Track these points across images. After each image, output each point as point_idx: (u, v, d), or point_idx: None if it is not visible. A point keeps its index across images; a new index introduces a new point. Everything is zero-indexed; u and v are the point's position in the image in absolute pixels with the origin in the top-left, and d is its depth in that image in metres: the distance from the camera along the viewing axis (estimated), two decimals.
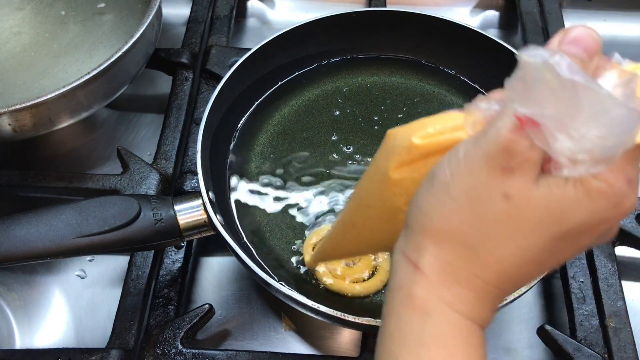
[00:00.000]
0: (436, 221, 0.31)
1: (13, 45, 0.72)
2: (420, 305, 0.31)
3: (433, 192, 0.31)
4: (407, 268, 0.32)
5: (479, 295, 0.31)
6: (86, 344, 0.58)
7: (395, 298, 0.33)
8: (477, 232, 0.30)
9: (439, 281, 0.31)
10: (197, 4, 0.82)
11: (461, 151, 0.30)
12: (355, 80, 0.72)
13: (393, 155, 0.35)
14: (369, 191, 0.39)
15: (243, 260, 0.51)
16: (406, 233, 0.33)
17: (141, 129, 0.75)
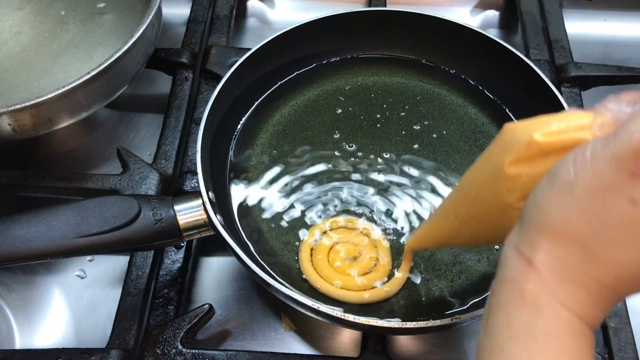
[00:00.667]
0: (555, 219, 0.30)
1: (13, 45, 0.72)
2: (532, 300, 0.31)
3: (554, 190, 0.30)
4: (520, 263, 0.32)
5: (593, 297, 0.31)
6: (86, 344, 0.58)
7: (504, 292, 0.32)
8: (597, 234, 0.29)
9: (553, 279, 0.31)
10: (197, 4, 0.81)
11: (588, 151, 0.29)
12: (356, 80, 0.72)
13: (511, 150, 0.35)
14: (479, 184, 0.39)
15: (243, 260, 0.51)
16: (520, 229, 0.32)
17: (141, 129, 0.75)
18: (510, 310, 0.32)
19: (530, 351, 0.30)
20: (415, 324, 0.50)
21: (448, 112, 0.69)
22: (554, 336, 0.30)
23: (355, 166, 0.64)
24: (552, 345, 0.30)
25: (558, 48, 0.78)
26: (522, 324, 0.31)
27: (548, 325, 0.30)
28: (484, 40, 0.69)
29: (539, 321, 0.31)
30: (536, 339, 0.30)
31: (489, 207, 0.37)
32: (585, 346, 0.31)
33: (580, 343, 0.31)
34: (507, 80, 0.68)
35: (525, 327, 0.31)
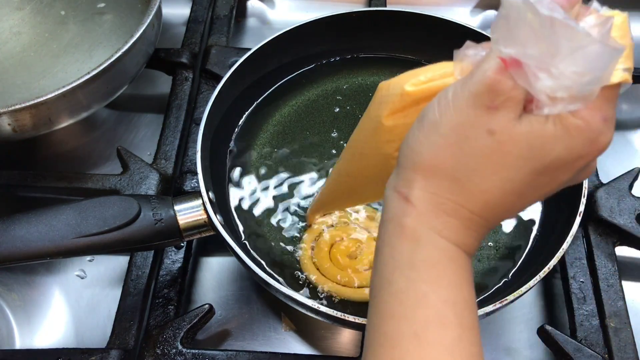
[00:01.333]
0: (425, 157, 0.33)
1: (13, 45, 0.72)
2: (411, 233, 0.34)
3: (423, 131, 0.34)
4: (398, 201, 0.34)
5: (465, 224, 0.34)
6: (86, 344, 0.58)
7: (387, 230, 0.35)
8: (463, 166, 0.32)
9: (428, 211, 0.34)
10: (197, 4, 0.81)
11: (450, 92, 0.33)
12: (355, 80, 0.72)
13: (386, 104, 0.38)
14: (363, 140, 0.42)
15: (243, 260, 0.51)
16: (397, 171, 0.35)
17: (141, 129, 0.75)
18: (393, 244, 0.34)
19: (412, 278, 0.33)
20: None
21: None
22: (433, 263, 0.33)
23: None
24: (432, 271, 0.33)
25: None
26: (404, 255, 0.34)
27: (427, 254, 0.33)
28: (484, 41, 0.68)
29: (419, 251, 0.33)
30: (417, 267, 0.33)
31: (375, 161, 0.39)
32: (462, 269, 0.34)
33: (457, 267, 0.34)
34: None
35: (407, 257, 0.34)
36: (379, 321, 0.34)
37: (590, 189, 0.63)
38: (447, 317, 0.33)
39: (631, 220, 0.61)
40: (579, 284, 0.59)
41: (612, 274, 0.59)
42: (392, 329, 0.33)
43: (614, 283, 0.58)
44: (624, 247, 0.62)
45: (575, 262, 0.60)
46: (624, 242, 0.62)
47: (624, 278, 0.60)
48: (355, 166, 0.44)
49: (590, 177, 0.64)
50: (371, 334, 0.35)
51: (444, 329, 0.32)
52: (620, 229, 0.61)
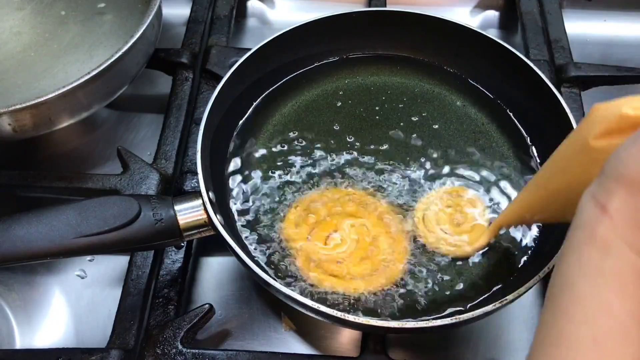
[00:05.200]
0: (633, 170, 0.32)
1: (13, 46, 0.72)
2: (602, 242, 0.32)
3: (636, 143, 0.32)
4: (594, 209, 0.33)
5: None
6: (86, 344, 0.58)
7: (576, 235, 0.34)
8: None
9: (624, 224, 0.32)
10: (197, 4, 0.82)
11: None
12: (355, 80, 0.72)
13: (599, 124, 0.37)
14: (567, 156, 0.41)
15: (243, 260, 0.51)
16: (599, 179, 0.34)
17: (141, 129, 0.75)
18: (581, 250, 0.33)
19: (598, 286, 0.32)
20: (415, 324, 0.50)
21: (448, 112, 0.69)
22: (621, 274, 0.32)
23: (356, 165, 0.64)
24: (619, 282, 0.32)
25: (558, 48, 0.78)
26: (592, 262, 0.32)
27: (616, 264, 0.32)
28: (483, 41, 0.69)
29: (608, 260, 0.32)
30: (604, 275, 0.32)
31: (576, 180, 0.39)
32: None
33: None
34: (507, 80, 0.68)
35: (595, 265, 0.32)
36: (555, 322, 0.33)
37: None
38: (631, 331, 0.31)
39: None
40: None
41: None
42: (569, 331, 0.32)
43: None
44: None
45: None
46: None
47: None
48: (555, 182, 0.43)
49: None
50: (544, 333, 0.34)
51: (625, 341, 0.31)
52: None
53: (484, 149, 0.66)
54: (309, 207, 0.61)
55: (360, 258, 0.58)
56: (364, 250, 0.58)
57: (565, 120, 0.60)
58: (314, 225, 0.60)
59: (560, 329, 0.33)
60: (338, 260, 0.57)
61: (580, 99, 0.73)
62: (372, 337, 0.55)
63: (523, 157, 0.65)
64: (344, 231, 0.59)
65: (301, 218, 0.60)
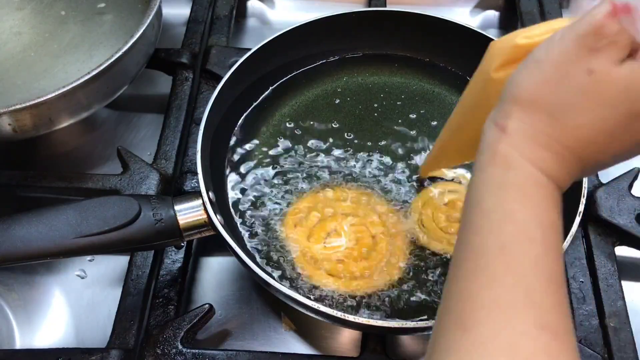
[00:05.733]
0: (525, 91, 0.35)
1: (13, 46, 0.72)
2: (503, 158, 0.35)
3: (527, 68, 0.36)
4: (495, 131, 0.36)
5: (557, 157, 0.35)
6: (86, 344, 0.58)
7: (480, 157, 0.37)
8: (560, 101, 0.34)
9: (522, 141, 0.35)
10: (197, 4, 0.81)
11: (558, 34, 0.35)
12: (355, 80, 0.72)
13: (497, 57, 0.40)
14: (473, 94, 0.44)
15: (243, 260, 0.51)
16: (498, 105, 0.37)
17: (141, 129, 0.75)
18: (485, 169, 0.36)
19: (501, 198, 0.35)
20: (415, 324, 0.50)
21: (448, 112, 0.69)
22: (521, 185, 0.35)
23: (356, 164, 0.64)
24: (520, 192, 0.35)
25: None
26: (495, 178, 0.36)
27: (517, 178, 0.35)
28: (483, 41, 0.68)
29: (509, 175, 0.35)
30: (507, 188, 0.35)
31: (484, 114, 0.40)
32: (551, 197, 0.35)
33: (546, 193, 0.35)
34: None
35: (498, 180, 0.35)
36: (466, 236, 0.36)
37: (590, 189, 0.63)
38: (533, 234, 0.34)
39: (631, 220, 0.61)
40: (578, 283, 0.59)
41: (611, 274, 0.59)
42: (479, 242, 0.35)
43: (613, 283, 0.58)
44: (623, 247, 0.62)
45: (575, 262, 0.60)
46: (624, 242, 0.62)
47: (624, 278, 0.60)
48: (465, 120, 0.46)
49: (590, 177, 0.64)
50: (458, 248, 0.36)
51: (529, 244, 0.34)
52: (620, 228, 0.61)
53: None
54: (308, 206, 0.61)
55: (359, 258, 0.58)
56: (364, 249, 0.58)
57: None
58: (313, 225, 0.60)
59: (470, 241, 0.35)
60: (338, 260, 0.57)
61: None
62: (372, 337, 0.55)
63: None
64: (344, 231, 0.59)
65: (301, 218, 0.60)
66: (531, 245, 0.34)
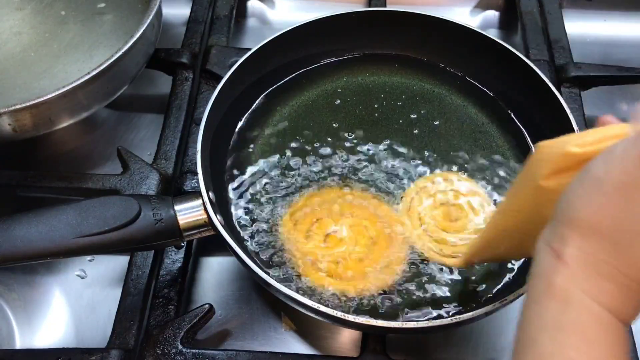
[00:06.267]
0: (584, 214, 0.31)
1: (13, 45, 0.72)
2: (560, 293, 0.32)
3: (584, 186, 0.32)
4: (550, 258, 0.33)
5: (622, 291, 0.31)
6: (86, 344, 0.58)
7: (535, 286, 0.33)
8: (624, 228, 0.30)
9: (581, 272, 0.31)
10: (197, 4, 0.82)
11: (618, 148, 0.31)
12: (355, 80, 0.72)
13: (546, 163, 0.36)
14: (519, 197, 0.40)
15: (243, 260, 0.51)
16: (552, 225, 0.33)
17: (141, 129, 0.75)
18: (541, 302, 0.32)
19: (558, 341, 0.31)
20: (415, 324, 0.50)
21: (448, 112, 0.69)
22: (582, 326, 0.31)
23: (356, 164, 0.64)
24: (581, 335, 0.31)
25: (558, 48, 0.78)
26: (551, 315, 0.32)
27: (576, 317, 0.31)
28: (483, 41, 0.69)
29: (568, 312, 0.31)
30: (565, 329, 0.31)
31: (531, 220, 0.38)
32: (616, 341, 0.31)
33: (610, 335, 0.31)
34: (507, 80, 0.68)
35: (555, 318, 0.31)
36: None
37: None
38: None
39: None
40: None
41: None
42: None
43: None
44: None
45: None
46: None
47: None
48: (511, 222, 0.43)
49: None
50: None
51: None
52: None
53: (484, 148, 0.66)
54: (308, 206, 0.61)
55: (359, 258, 0.58)
56: (363, 250, 0.58)
57: (565, 120, 0.60)
58: (313, 225, 0.60)
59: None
60: (337, 260, 0.57)
61: (580, 99, 0.73)
62: (372, 337, 0.55)
63: (523, 156, 0.65)
64: (343, 231, 0.59)
65: (300, 217, 0.60)
66: None
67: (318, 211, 0.60)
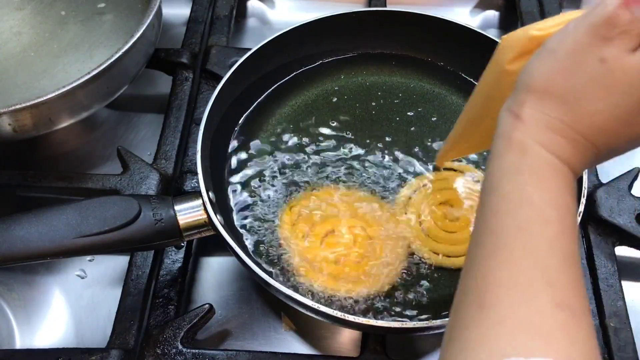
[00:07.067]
0: (539, 79, 0.36)
1: (13, 45, 0.72)
2: (519, 145, 0.36)
3: (540, 57, 0.37)
4: (510, 119, 0.37)
5: (571, 144, 0.36)
6: (86, 344, 0.58)
7: (496, 145, 0.38)
8: (573, 89, 0.35)
9: (536, 127, 0.36)
10: (197, 4, 0.82)
11: (571, 24, 0.36)
12: (355, 80, 0.72)
13: (511, 49, 0.41)
14: (487, 85, 0.45)
15: (243, 260, 0.51)
16: (513, 94, 0.38)
17: (141, 129, 0.75)
18: (501, 156, 0.37)
19: (518, 182, 0.36)
20: (415, 324, 0.50)
21: (448, 112, 0.69)
22: (537, 169, 0.36)
23: (355, 164, 0.64)
24: (536, 175, 0.36)
25: None
26: (511, 164, 0.37)
27: (532, 162, 0.36)
28: (484, 40, 0.69)
29: (525, 160, 0.36)
30: (523, 172, 0.36)
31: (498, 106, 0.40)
32: (565, 181, 0.36)
33: (561, 177, 0.36)
34: None
35: (514, 165, 0.36)
36: (484, 218, 0.37)
37: (590, 189, 0.63)
38: (549, 215, 0.35)
39: (631, 220, 0.61)
40: None
41: (611, 274, 0.59)
42: (496, 223, 0.36)
43: (613, 283, 0.58)
44: (623, 247, 0.62)
45: None
46: (624, 242, 0.62)
47: (624, 278, 0.60)
48: (480, 111, 0.47)
49: (590, 177, 0.64)
50: (477, 230, 0.37)
51: (546, 224, 0.35)
52: (620, 228, 0.61)
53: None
54: (307, 207, 0.61)
55: (358, 258, 0.58)
56: (363, 250, 0.58)
57: None
58: (312, 225, 0.60)
59: (488, 223, 0.36)
60: (336, 260, 0.57)
61: None
62: (372, 337, 0.55)
63: None
64: (342, 231, 0.59)
65: (299, 218, 0.60)
66: (547, 226, 0.35)
67: (317, 211, 0.60)
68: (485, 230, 0.36)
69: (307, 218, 0.60)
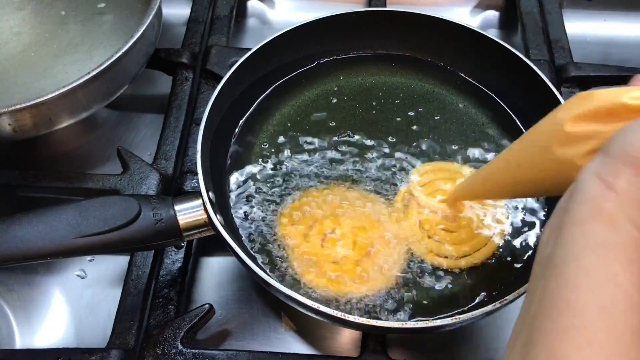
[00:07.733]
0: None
1: (13, 45, 0.72)
2: (609, 218, 0.33)
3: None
4: (600, 186, 0.34)
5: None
6: (86, 344, 0.58)
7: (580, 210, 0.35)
8: None
9: (630, 203, 0.33)
10: (197, 4, 0.82)
11: None
12: (355, 80, 0.72)
13: (582, 106, 0.38)
14: (539, 136, 0.43)
15: (243, 260, 0.51)
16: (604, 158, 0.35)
17: (141, 129, 0.75)
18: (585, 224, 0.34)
19: (604, 257, 0.33)
20: (415, 324, 0.50)
21: (448, 112, 0.69)
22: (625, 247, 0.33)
23: (355, 164, 0.64)
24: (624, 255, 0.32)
25: (558, 48, 0.78)
26: (598, 235, 0.33)
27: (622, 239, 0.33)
28: (484, 40, 0.69)
29: (614, 234, 0.33)
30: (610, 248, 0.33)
31: (544, 158, 0.39)
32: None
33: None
34: (507, 80, 0.68)
35: (601, 238, 0.33)
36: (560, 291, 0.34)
37: None
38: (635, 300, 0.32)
39: None
40: None
41: None
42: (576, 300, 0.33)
43: None
44: None
45: None
46: None
47: None
48: (529, 160, 0.44)
49: None
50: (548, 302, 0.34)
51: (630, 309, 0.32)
52: None
53: (484, 148, 0.66)
54: (307, 206, 0.61)
55: (359, 258, 0.58)
56: (363, 250, 0.58)
57: None
58: (312, 225, 0.60)
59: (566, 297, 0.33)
60: (337, 260, 0.57)
61: None
62: (372, 337, 0.55)
63: None
64: (342, 231, 0.59)
65: (299, 218, 0.60)
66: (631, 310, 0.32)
67: (317, 211, 0.60)
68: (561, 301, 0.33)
69: (307, 218, 0.60)
